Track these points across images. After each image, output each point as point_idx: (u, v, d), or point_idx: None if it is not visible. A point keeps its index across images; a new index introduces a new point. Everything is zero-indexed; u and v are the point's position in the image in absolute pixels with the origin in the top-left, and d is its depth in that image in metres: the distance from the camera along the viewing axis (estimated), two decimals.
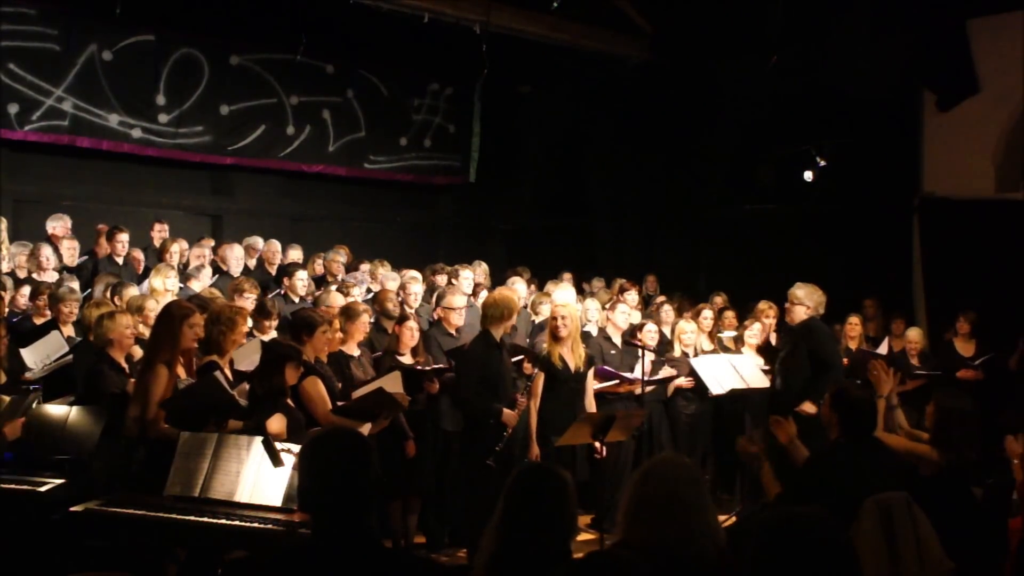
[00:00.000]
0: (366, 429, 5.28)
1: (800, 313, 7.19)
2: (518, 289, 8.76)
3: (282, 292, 8.52)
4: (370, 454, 2.65)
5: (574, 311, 6.94)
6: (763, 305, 8.63)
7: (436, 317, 7.67)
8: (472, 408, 6.38)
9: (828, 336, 7.46)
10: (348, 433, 2.87)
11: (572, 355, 6.66)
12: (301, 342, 5.64)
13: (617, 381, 7.46)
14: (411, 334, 6.79)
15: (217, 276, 8.82)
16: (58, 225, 9.01)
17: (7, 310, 6.83)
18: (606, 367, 7.42)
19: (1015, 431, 5.33)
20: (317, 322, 5.81)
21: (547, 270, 10.79)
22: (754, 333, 8.40)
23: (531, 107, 13.58)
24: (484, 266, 9.95)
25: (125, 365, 5.78)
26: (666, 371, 7.90)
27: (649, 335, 7.83)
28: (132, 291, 7.21)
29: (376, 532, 2.65)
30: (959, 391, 6.48)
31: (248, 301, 7.11)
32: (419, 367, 6.65)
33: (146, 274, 8.55)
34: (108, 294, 7.19)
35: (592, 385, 6.94)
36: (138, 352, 5.92)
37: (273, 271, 9.75)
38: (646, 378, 7.32)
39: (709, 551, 2.97)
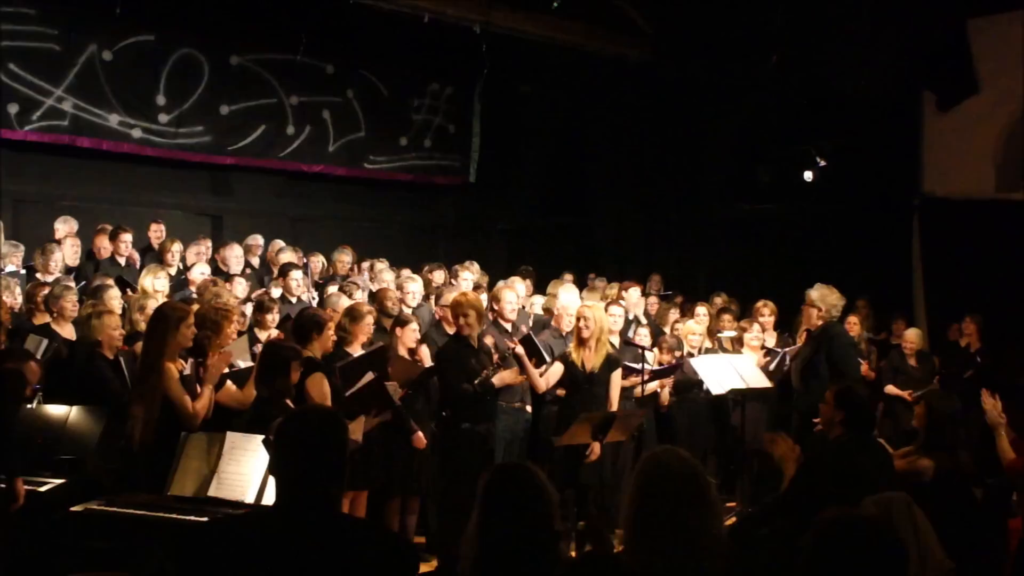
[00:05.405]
0: (359, 427, 5.27)
1: (813, 316, 6.92)
2: (518, 289, 8.75)
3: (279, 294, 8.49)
4: (343, 432, 2.70)
5: (599, 312, 6.87)
6: (759, 304, 8.62)
7: (437, 317, 7.66)
8: (468, 393, 6.32)
9: (847, 344, 7.26)
10: (323, 412, 2.93)
11: (593, 356, 6.67)
12: (310, 340, 5.63)
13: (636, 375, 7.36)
14: (411, 336, 6.78)
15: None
16: (63, 227, 8.99)
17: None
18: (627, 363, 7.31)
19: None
20: (325, 321, 5.85)
21: (547, 270, 10.78)
22: (754, 334, 8.39)
23: (531, 107, 13.57)
24: (476, 266, 9.89)
25: (123, 365, 5.78)
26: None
27: (641, 337, 7.83)
28: (114, 293, 6.95)
29: (338, 504, 2.68)
30: (949, 393, 6.46)
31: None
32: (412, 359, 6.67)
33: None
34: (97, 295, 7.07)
35: (617, 384, 6.92)
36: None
37: (276, 271, 9.72)
38: (650, 369, 7.31)
39: (714, 564, 2.89)
